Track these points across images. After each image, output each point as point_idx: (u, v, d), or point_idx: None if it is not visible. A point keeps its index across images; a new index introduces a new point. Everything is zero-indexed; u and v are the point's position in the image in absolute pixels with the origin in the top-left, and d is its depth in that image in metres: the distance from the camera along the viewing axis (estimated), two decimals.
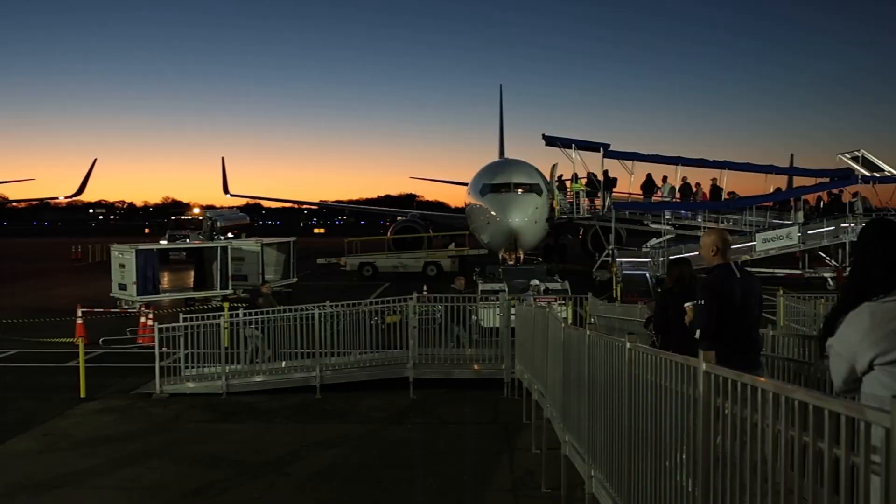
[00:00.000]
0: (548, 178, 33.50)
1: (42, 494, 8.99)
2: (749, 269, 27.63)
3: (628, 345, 5.03)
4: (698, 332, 6.06)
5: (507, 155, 44.43)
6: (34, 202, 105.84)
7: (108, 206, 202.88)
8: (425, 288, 20.05)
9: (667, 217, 34.72)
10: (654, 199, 35.75)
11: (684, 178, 35.42)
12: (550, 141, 35.66)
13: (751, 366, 5.76)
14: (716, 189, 35.39)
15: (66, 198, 62.41)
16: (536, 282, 20.02)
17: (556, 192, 34.07)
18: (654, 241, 33.87)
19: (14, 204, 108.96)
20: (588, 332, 6.32)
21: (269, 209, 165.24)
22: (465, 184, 37.21)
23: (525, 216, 29.78)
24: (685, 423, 4.01)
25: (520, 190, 30.88)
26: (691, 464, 3.92)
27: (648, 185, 35.74)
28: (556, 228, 37.68)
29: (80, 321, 19.14)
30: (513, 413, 12.29)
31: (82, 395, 13.59)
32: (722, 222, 34.59)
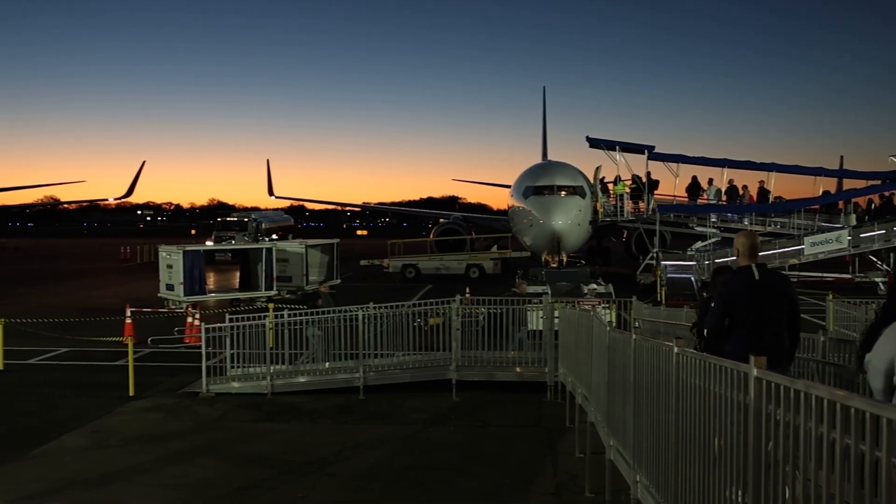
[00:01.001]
0: (591, 181, 33.29)
1: (92, 490, 9.16)
2: (797, 272, 27.04)
3: (676, 349, 4.97)
4: (705, 330, 6.34)
5: (551, 157, 44.29)
6: (84, 203, 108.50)
7: (155, 208, 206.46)
8: (468, 290, 20.07)
9: (712, 220, 34.26)
10: (699, 201, 35.31)
11: (731, 181, 34.97)
12: (594, 143, 35.43)
13: (772, 367, 5.72)
14: (763, 191, 34.85)
15: (116, 199, 63.84)
16: (595, 286, 19.82)
17: (600, 194, 33.83)
18: (699, 244, 33.45)
19: (65, 205, 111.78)
20: (634, 336, 6.26)
21: (312, 211, 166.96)
22: (508, 186, 37.15)
23: (568, 218, 29.64)
24: (735, 430, 3.95)
25: (563, 192, 30.74)
26: (741, 471, 3.86)
27: (694, 188, 35.31)
28: (599, 231, 37.41)
29: (129, 321, 19.54)
30: (556, 416, 12.22)
31: (131, 393, 13.85)
32: (769, 225, 34.06)
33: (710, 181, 35.30)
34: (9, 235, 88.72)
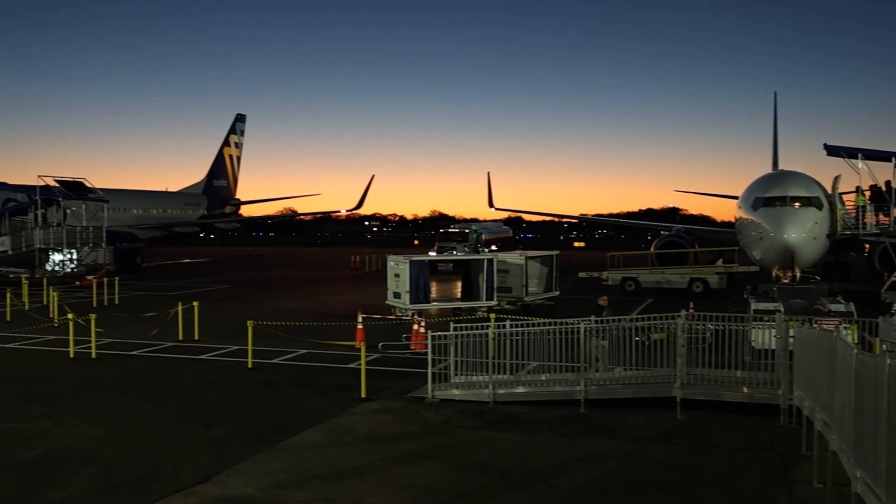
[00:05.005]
0: (829, 191, 31.02)
1: (329, 484, 9.83)
2: None
3: None
4: None
5: (782, 166, 41.81)
6: (318, 215, 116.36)
7: (381, 219, 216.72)
8: (691, 305, 19.39)
9: None
10: None
11: None
12: (833, 151, 32.89)
13: None
14: None
15: (347, 211, 67.90)
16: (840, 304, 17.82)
17: (839, 205, 31.39)
18: None
19: (301, 216, 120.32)
20: (889, 361, 5.80)
21: (529, 222, 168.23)
22: (734, 197, 35.56)
23: (802, 231, 27.83)
24: None
25: (797, 203, 28.88)
26: None
27: None
28: (836, 245, 34.74)
29: (360, 326, 20.72)
30: (790, 442, 11.52)
31: (363, 395, 14.68)
32: None
33: None
34: (253, 244, 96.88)
